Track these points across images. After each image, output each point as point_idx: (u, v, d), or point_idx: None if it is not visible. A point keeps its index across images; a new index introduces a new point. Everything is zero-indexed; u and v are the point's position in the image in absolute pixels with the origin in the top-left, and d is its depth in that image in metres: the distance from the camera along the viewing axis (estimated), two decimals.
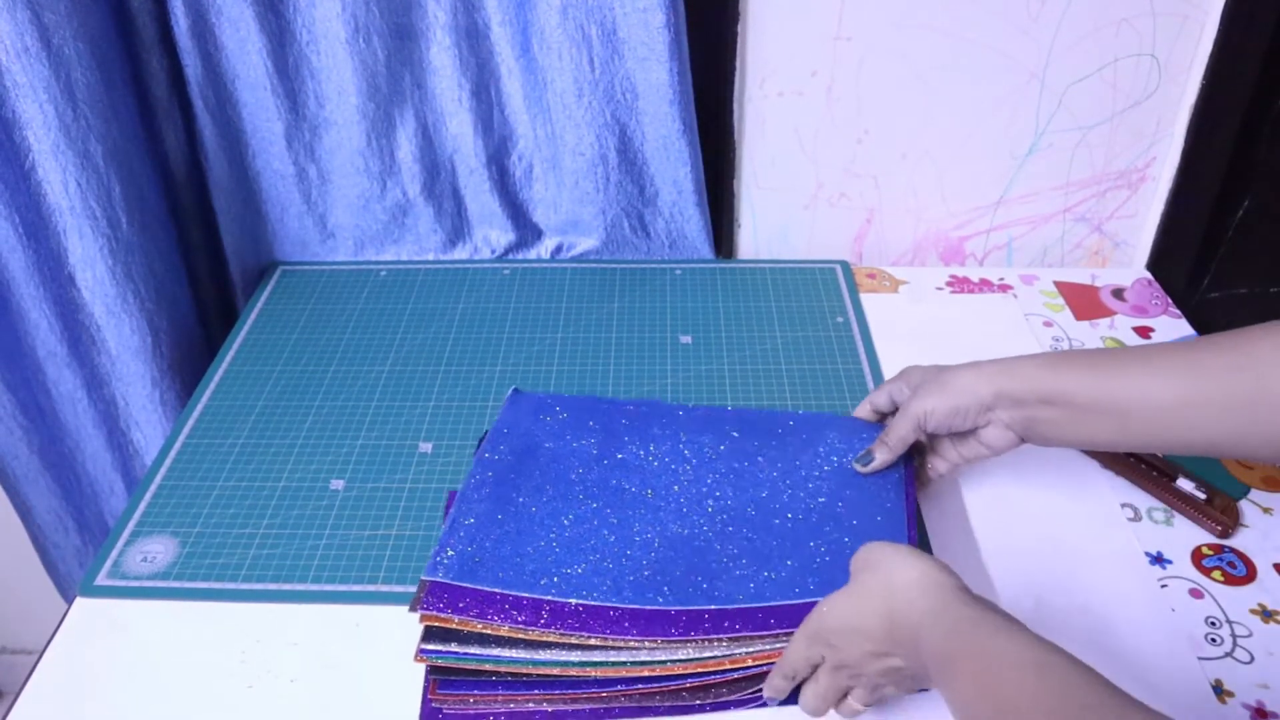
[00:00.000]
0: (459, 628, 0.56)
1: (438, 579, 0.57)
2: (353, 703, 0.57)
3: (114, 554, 0.66)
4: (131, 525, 0.68)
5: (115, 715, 0.57)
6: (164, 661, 0.60)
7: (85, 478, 0.94)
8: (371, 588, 0.63)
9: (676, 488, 0.65)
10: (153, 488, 0.71)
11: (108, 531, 0.93)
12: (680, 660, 0.55)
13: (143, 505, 0.70)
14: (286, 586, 0.64)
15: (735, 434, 0.69)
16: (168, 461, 0.74)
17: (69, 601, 0.64)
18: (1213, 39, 0.82)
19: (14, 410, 0.87)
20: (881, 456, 0.64)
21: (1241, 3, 0.79)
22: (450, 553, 0.58)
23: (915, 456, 0.67)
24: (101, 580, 0.65)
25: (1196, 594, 0.62)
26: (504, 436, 0.68)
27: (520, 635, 0.55)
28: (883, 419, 0.69)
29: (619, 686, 0.56)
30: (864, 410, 0.69)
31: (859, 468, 0.65)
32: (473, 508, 0.62)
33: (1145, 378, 0.56)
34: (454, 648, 0.56)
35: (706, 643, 0.55)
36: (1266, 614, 0.61)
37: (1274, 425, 0.52)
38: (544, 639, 0.55)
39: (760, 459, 0.67)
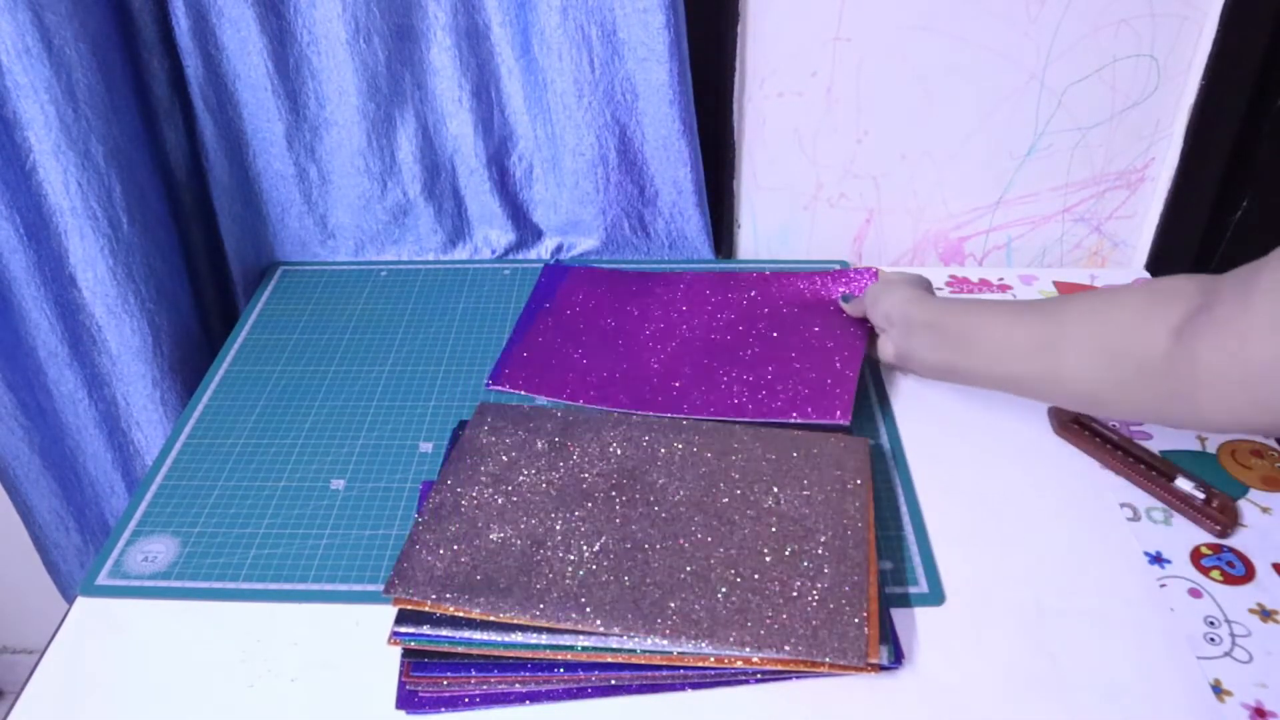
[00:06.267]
0: (431, 610, 0.58)
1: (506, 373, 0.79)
2: (354, 702, 0.57)
3: (115, 553, 0.66)
4: (132, 525, 0.69)
5: (115, 715, 0.57)
6: (164, 661, 0.60)
7: (86, 478, 0.94)
8: (371, 588, 0.64)
9: (681, 322, 0.85)
10: (153, 487, 0.72)
11: (108, 531, 0.94)
12: (650, 650, 0.56)
13: (143, 505, 0.70)
14: (287, 586, 0.64)
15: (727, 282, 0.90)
16: (168, 461, 0.74)
17: (70, 601, 0.65)
18: (1212, 39, 0.82)
19: (15, 410, 0.88)
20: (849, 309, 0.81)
21: (1241, 3, 0.79)
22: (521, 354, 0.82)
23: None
24: (102, 580, 0.65)
25: (1195, 594, 0.62)
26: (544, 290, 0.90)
27: (491, 618, 0.57)
28: None
29: (593, 671, 0.57)
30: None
31: (843, 305, 0.82)
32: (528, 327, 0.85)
33: (992, 315, 0.68)
34: (426, 630, 0.57)
35: (675, 637, 0.56)
36: (1265, 613, 0.61)
37: (1059, 378, 0.63)
38: (514, 622, 0.57)
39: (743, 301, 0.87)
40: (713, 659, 0.56)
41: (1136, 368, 0.58)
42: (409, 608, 0.58)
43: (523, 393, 0.79)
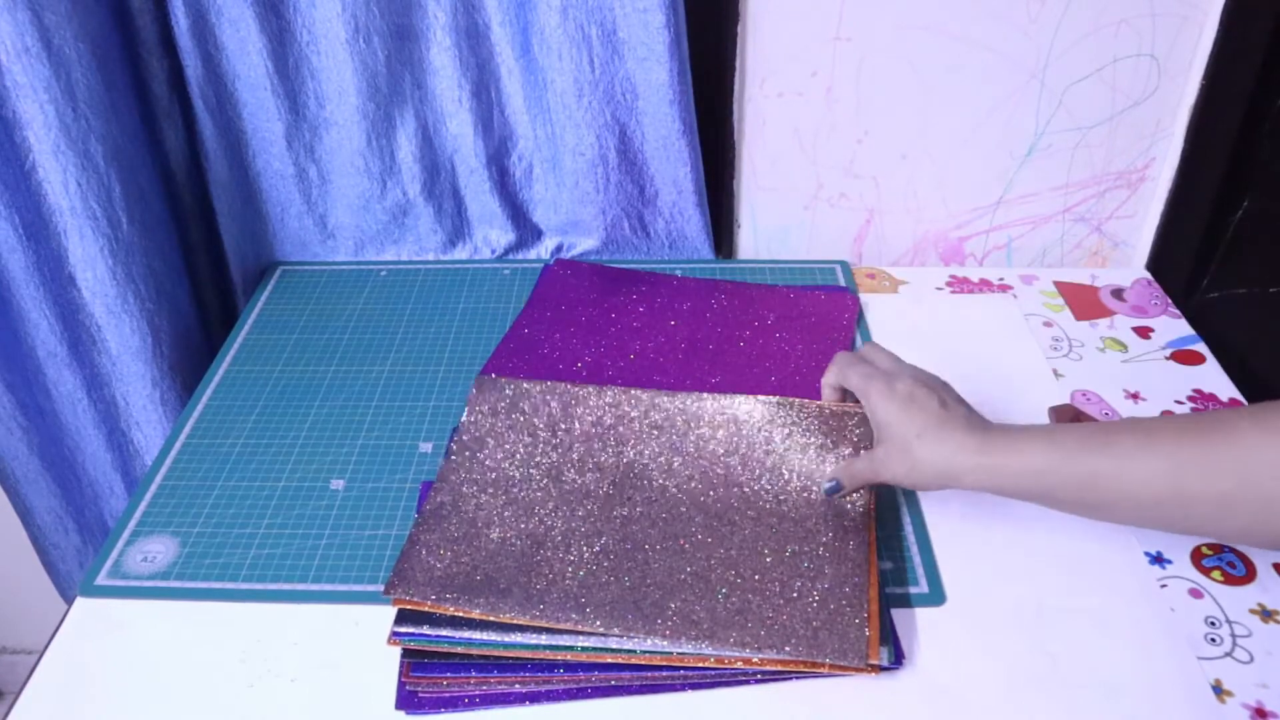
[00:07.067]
0: (431, 610, 0.58)
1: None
2: (354, 702, 0.57)
3: (114, 554, 0.66)
4: (132, 525, 0.69)
5: (115, 715, 0.57)
6: (164, 661, 0.60)
7: (85, 478, 0.94)
8: (371, 588, 0.63)
9: (674, 322, 0.85)
10: (153, 488, 0.72)
11: (108, 531, 0.94)
12: (650, 651, 0.56)
13: (143, 505, 0.70)
14: (286, 586, 0.64)
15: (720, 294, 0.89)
16: (168, 461, 0.74)
17: (69, 601, 0.65)
18: (1212, 39, 0.82)
19: (14, 411, 0.88)
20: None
21: (1241, 3, 0.79)
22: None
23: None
24: (102, 580, 0.65)
25: (1196, 594, 0.62)
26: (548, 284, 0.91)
27: (491, 618, 0.57)
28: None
29: (593, 672, 0.57)
30: (827, 394, 0.69)
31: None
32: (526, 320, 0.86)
33: (1130, 477, 0.55)
34: (426, 630, 0.57)
35: (675, 638, 0.56)
36: (1266, 614, 0.61)
37: (1256, 520, 0.53)
38: (514, 622, 0.57)
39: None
40: (713, 660, 0.56)
41: None
42: (409, 608, 0.58)
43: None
